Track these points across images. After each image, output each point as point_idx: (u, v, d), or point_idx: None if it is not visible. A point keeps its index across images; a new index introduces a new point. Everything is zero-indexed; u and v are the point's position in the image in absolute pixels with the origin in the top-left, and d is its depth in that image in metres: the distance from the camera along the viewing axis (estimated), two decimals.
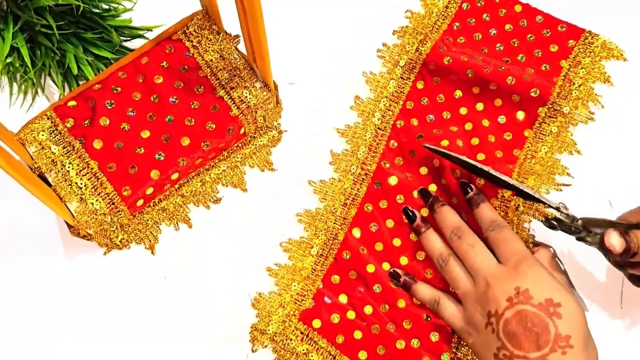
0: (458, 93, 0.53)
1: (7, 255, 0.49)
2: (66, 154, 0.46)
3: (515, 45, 0.54)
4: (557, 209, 0.44)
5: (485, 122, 0.51)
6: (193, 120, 0.48)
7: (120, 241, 0.48)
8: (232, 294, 0.48)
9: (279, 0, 0.56)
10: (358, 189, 0.50)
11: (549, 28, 0.54)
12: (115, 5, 0.51)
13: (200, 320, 0.48)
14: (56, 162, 0.46)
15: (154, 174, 0.47)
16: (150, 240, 0.49)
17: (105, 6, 0.51)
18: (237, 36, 0.50)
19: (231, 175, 0.51)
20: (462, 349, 0.46)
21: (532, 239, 0.45)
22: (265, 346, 0.47)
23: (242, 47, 0.49)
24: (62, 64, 0.50)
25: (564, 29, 0.54)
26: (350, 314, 0.48)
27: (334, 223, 0.49)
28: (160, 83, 0.49)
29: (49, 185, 0.46)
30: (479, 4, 0.56)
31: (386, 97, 0.53)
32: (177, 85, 0.49)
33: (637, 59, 0.53)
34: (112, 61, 0.52)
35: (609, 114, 0.51)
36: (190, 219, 0.50)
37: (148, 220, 0.49)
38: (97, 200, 0.46)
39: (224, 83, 0.49)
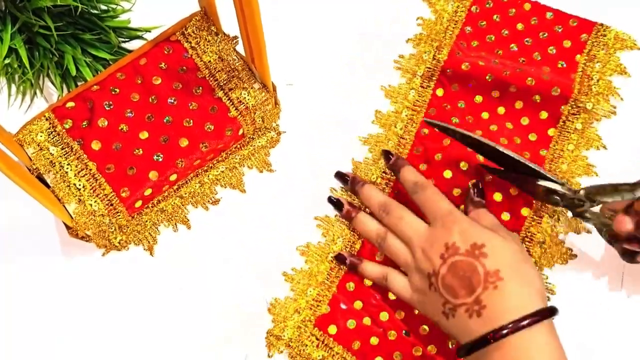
0: (478, 98, 0.52)
1: (6, 255, 0.49)
2: (64, 155, 0.46)
3: (529, 44, 0.54)
4: (563, 184, 0.44)
5: (509, 125, 0.51)
6: (191, 121, 0.48)
7: (119, 242, 0.49)
8: (231, 294, 0.48)
9: (278, 1, 0.56)
10: None
11: (560, 24, 0.54)
12: (114, 6, 0.51)
13: (200, 320, 0.48)
14: (54, 163, 0.46)
15: (153, 175, 0.47)
16: (149, 242, 0.49)
17: (103, 7, 0.51)
18: (235, 37, 0.50)
19: (230, 176, 0.51)
20: None
21: (570, 253, 0.46)
22: (281, 352, 0.46)
23: (240, 48, 0.49)
24: (60, 65, 0.50)
25: (575, 24, 0.54)
26: (366, 320, 0.47)
27: (351, 230, 0.49)
28: (158, 84, 0.49)
29: (48, 186, 0.46)
30: (487, 6, 0.55)
31: (407, 107, 0.52)
32: (176, 86, 0.49)
33: None
34: (111, 62, 0.52)
35: (628, 105, 0.51)
36: (188, 220, 0.50)
37: (146, 221, 0.49)
38: (95, 202, 0.46)
39: (222, 84, 0.49)
